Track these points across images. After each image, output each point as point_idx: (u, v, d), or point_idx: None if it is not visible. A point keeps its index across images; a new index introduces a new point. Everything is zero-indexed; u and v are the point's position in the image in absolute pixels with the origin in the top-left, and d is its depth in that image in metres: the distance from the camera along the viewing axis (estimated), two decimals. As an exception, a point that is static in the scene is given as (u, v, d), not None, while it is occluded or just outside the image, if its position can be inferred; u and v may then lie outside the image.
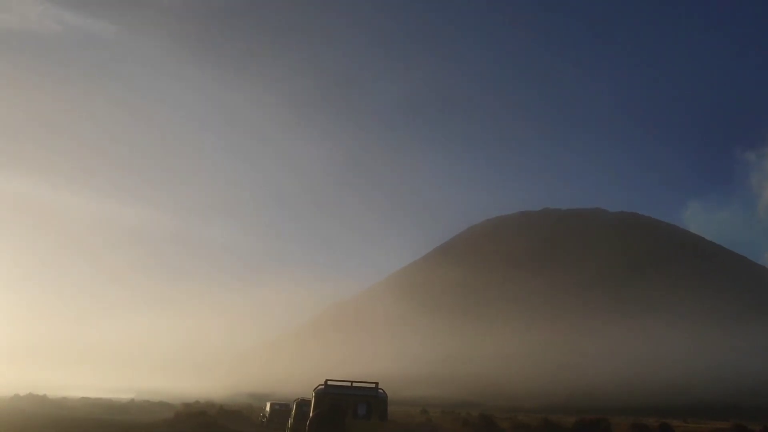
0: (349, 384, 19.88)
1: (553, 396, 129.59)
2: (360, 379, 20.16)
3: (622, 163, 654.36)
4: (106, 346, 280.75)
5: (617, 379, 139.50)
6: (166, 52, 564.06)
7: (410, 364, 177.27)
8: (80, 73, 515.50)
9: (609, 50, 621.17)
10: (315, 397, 19.50)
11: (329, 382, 19.81)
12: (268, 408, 38.00)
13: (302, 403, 27.01)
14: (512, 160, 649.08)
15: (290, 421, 26.39)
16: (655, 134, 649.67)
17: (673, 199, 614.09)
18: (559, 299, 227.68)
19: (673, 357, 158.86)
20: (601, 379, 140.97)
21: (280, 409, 35.63)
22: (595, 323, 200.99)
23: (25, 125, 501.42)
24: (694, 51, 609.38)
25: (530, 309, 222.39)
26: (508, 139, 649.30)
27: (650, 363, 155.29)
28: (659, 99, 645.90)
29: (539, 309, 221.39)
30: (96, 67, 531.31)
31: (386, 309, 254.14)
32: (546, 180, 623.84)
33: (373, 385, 20.10)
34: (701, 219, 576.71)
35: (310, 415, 19.14)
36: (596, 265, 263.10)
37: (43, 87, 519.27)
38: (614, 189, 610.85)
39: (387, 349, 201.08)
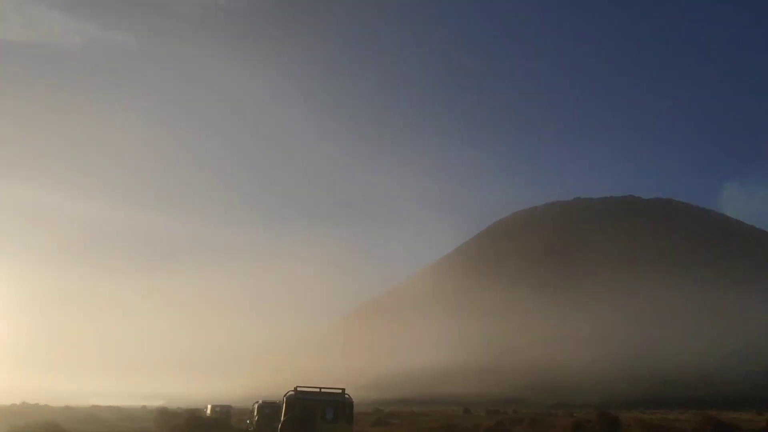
0: (318, 390, 20.97)
1: (616, 388, 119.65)
2: (328, 386, 21.08)
3: (653, 148, 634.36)
4: (125, 350, 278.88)
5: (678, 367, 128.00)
6: (185, 59, 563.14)
7: (452, 357, 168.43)
8: (102, 83, 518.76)
9: (634, 32, 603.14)
10: (286, 402, 20.48)
11: (299, 389, 20.80)
12: (255, 410, 35.31)
13: (264, 406, 29.73)
14: (539, 150, 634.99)
15: (253, 419, 27.62)
16: (686, 116, 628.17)
17: (709, 182, 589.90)
18: (601, 287, 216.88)
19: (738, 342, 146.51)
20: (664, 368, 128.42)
21: (270, 413, 33.34)
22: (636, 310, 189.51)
23: (48, 135, 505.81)
24: (724, 29, 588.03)
25: (571, 297, 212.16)
26: (534, 130, 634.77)
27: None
28: (687, 80, 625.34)
29: (585, 298, 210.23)
30: (118, 76, 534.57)
31: (419, 305, 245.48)
32: (575, 169, 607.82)
33: (340, 391, 21.09)
34: (740, 201, 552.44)
35: (281, 419, 20.23)
36: (631, 254, 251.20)
37: (66, 98, 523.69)
38: (647, 175, 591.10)
39: (425, 343, 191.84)
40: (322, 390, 21.23)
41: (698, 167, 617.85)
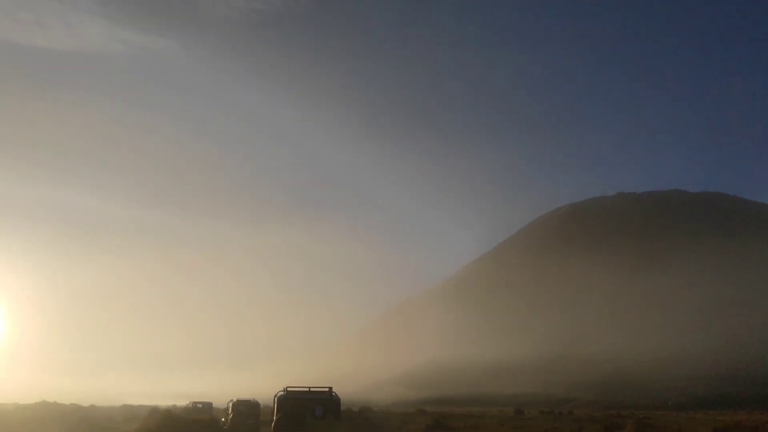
0: (307, 389, 22.40)
1: (690, 386, 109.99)
2: (316, 386, 22.38)
3: (699, 139, 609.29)
4: (160, 348, 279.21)
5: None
6: (225, 63, 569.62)
7: (498, 352, 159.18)
8: (143, 89, 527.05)
9: (681, 21, 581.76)
10: (277, 402, 21.93)
11: (289, 389, 22.20)
12: (230, 408, 34.56)
13: (239, 404, 31.70)
14: (580, 145, 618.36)
15: (228, 417, 29.53)
16: (732, 103, 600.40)
17: (760, 174, 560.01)
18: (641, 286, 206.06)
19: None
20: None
21: (245, 411, 33.31)
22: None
23: (90, 139, 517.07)
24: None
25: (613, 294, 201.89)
26: (572, 124, 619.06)
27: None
28: (735, 68, 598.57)
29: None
30: (159, 82, 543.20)
31: (465, 298, 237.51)
32: (618, 164, 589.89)
33: (328, 390, 22.42)
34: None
35: (273, 417, 21.83)
36: (682, 249, 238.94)
37: (107, 104, 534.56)
38: (693, 168, 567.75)
39: (467, 338, 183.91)
40: (311, 389, 22.47)
41: (748, 159, 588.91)
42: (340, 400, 22.53)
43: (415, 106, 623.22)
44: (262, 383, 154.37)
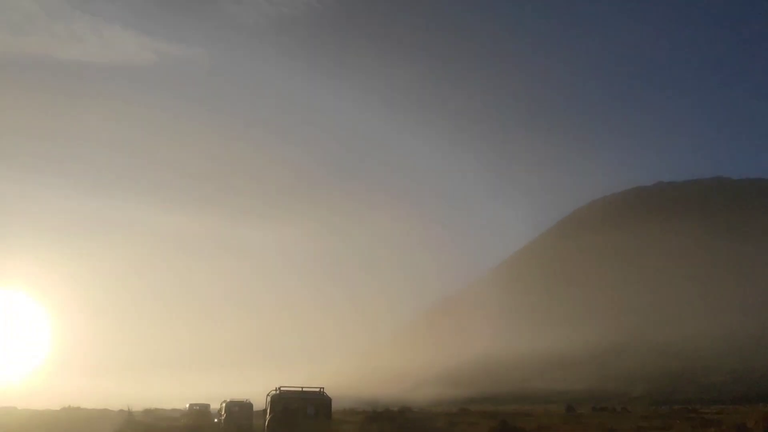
0: (299, 389, 23.27)
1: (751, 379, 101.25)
2: (308, 386, 23.37)
3: (740, 123, 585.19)
4: (190, 350, 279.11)
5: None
6: (252, 68, 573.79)
7: (544, 347, 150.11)
8: (177, 98, 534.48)
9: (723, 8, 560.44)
10: (270, 401, 22.83)
11: (282, 388, 22.99)
12: (224, 408, 34.92)
13: (232, 404, 32.86)
14: (617, 134, 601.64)
15: (221, 418, 31.75)
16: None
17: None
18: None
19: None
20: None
21: (238, 411, 33.59)
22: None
23: (127, 150, 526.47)
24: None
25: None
26: (605, 112, 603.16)
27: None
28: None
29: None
30: (191, 90, 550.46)
31: (509, 292, 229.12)
32: (655, 152, 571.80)
33: (319, 390, 23.31)
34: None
35: (267, 416, 22.76)
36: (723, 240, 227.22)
37: (141, 114, 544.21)
38: (735, 154, 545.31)
39: (512, 333, 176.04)
40: (303, 389, 23.21)
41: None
42: (331, 400, 23.48)
43: (458, 93, 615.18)
44: (296, 383, 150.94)
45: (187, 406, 39.66)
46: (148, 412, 51.89)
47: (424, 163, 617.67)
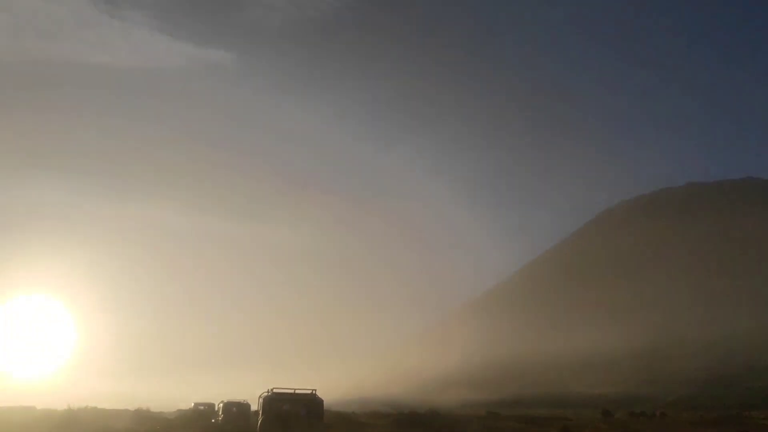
0: (292, 391, 23.31)
1: None
2: (300, 387, 23.45)
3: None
4: (239, 348, 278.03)
5: None
6: (278, 70, 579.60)
7: (578, 348, 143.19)
8: (204, 100, 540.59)
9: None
10: (263, 402, 23.16)
11: (274, 390, 23.14)
12: (221, 409, 34.77)
13: (229, 405, 32.63)
14: (646, 134, 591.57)
15: (218, 418, 31.63)
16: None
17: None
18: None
19: None
20: None
21: (236, 411, 33.33)
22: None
23: (156, 154, 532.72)
24: None
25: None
26: (633, 111, 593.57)
27: None
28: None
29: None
30: (218, 93, 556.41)
31: (541, 293, 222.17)
32: (685, 152, 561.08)
33: (311, 392, 23.51)
34: None
35: (259, 417, 23.01)
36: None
37: (169, 118, 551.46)
38: (765, 153, 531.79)
39: (547, 334, 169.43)
40: (296, 391, 23.33)
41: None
42: (323, 401, 23.76)
43: (475, 100, 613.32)
44: (319, 385, 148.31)
45: (192, 405, 38.91)
46: (138, 412, 49.62)
47: (448, 161, 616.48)
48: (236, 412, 33.02)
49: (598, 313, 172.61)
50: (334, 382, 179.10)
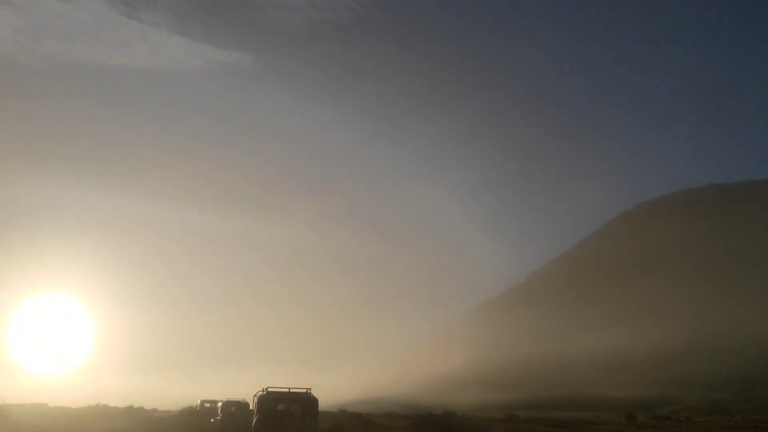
0: (286, 390, 23.60)
1: None
2: (295, 386, 23.75)
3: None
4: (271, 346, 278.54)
5: None
6: (295, 72, 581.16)
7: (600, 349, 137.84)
8: (220, 101, 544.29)
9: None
10: (258, 402, 23.14)
11: (269, 389, 23.31)
12: (220, 408, 34.85)
13: (228, 404, 32.71)
14: (667, 135, 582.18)
15: (217, 418, 31.55)
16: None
17: None
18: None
19: None
20: None
21: (236, 411, 33.20)
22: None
23: (173, 155, 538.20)
24: None
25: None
26: (656, 109, 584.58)
27: None
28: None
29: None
30: (235, 94, 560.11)
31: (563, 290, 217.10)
32: (707, 152, 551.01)
33: (306, 391, 23.59)
34: None
35: (254, 417, 23.07)
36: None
37: (185, 119, 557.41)
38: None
39: (568, 333, 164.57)
40: (290, 390, 23.59)
41: None
42: (317, 400, 23.79)
43: (494, 99, 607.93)
44: (332, 386, 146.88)
45: (198, 403, 38.05)
46: (129, 410, 48.74)
47: (466, 162, 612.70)
48: (235, 411, 32.89)
49: (620, 313, 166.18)
50: (348, 383, 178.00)
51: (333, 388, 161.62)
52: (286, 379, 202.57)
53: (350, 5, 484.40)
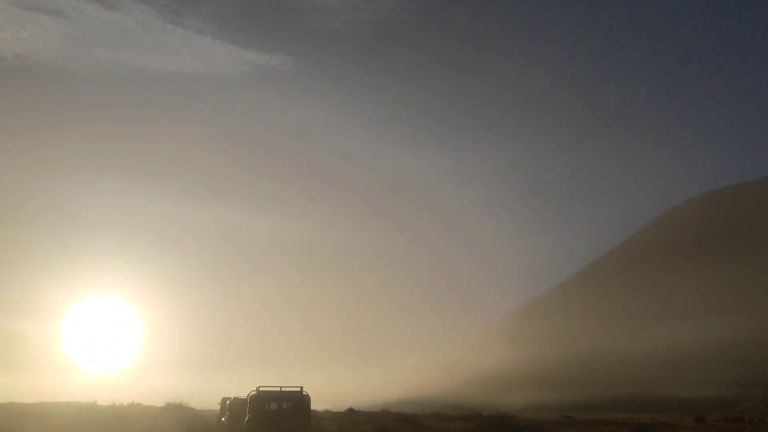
0: (278, 389, 23.40)
1: None
2: (287, 385, 23.61)
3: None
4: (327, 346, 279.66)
5: None
6: (337, 74, 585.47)
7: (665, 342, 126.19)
8: (262, 105, 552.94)
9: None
10: (250, 401, 23.21)
11: (261, 388, 23.23)
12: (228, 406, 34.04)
13: (234, 403, 31.42)
14: (715, 131, 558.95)
15: (226, 417, 31.11)
16: None
17: None
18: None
19: None
20: None
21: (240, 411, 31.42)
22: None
23: (216, 156, 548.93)
24: None
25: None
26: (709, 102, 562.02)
27: None
28: None
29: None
30: (277, 98, 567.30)
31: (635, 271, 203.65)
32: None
33: (299, 389, 23.42)
34: None
35: (246, 416, 23.01)
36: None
37: (231, 123, 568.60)
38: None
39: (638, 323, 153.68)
40: (283, 389, 23.37)
41: None
42: (310, 399, 23.69)
43: (544, 98, 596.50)
44: (376, 383, 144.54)
45: (220, 401, 35.95)
46: (169, 407, 47.20)
47: (517, 155, 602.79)
48: (241, 412, 30.55)
49: (688, 305, 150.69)
50: (389, 382, 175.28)
51: (373, 388, 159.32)
52: (321, 378, 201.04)
53: (388, 5, 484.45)
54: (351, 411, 54.76)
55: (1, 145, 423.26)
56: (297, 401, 23.00)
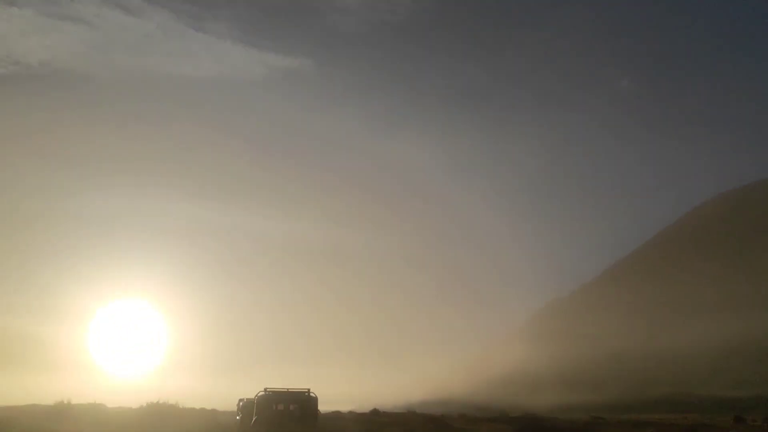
0: (285, 390, 23.86)
1: None
2: (295, 386, 23.99)
3: None
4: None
5: None
6: (356, 75, 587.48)
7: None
8: (283, 108, 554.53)
9: None
10: (257, 402, 23.61)
11: (268, 389, 23.70)
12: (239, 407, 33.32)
13: (247, 404, 30.01)
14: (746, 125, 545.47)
15: (239, 417, 29.88)
16: None
17: None
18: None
19: None
20: None
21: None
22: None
23: (243, 162, 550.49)
24: None
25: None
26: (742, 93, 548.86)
27: None
28: None
29: None
30: (298, 100, 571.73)
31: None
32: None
33: (305, 390, 23.74)
34: None
35: (253, 417, 23.39)
36: None
37: (251, 126, 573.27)
38: None
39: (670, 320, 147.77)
40: (290, 389, 23.78)
41: None
42: (317, 399, 23.85)
43: (568, 98, 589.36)
44: (401, 384, 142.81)
45: (237, 401, 35.49)
46: (191, 410, 46.46)
47: (539, 156, 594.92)
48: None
49: (728, 301, 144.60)
50: (414, 383, 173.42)
51: (397, 388, 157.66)
52: (344, 379, 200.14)
53: (408, 6, 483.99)
54: (375, 412, 53.69)
55: (28, 151, 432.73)
56: (304, 402, 23.36)
